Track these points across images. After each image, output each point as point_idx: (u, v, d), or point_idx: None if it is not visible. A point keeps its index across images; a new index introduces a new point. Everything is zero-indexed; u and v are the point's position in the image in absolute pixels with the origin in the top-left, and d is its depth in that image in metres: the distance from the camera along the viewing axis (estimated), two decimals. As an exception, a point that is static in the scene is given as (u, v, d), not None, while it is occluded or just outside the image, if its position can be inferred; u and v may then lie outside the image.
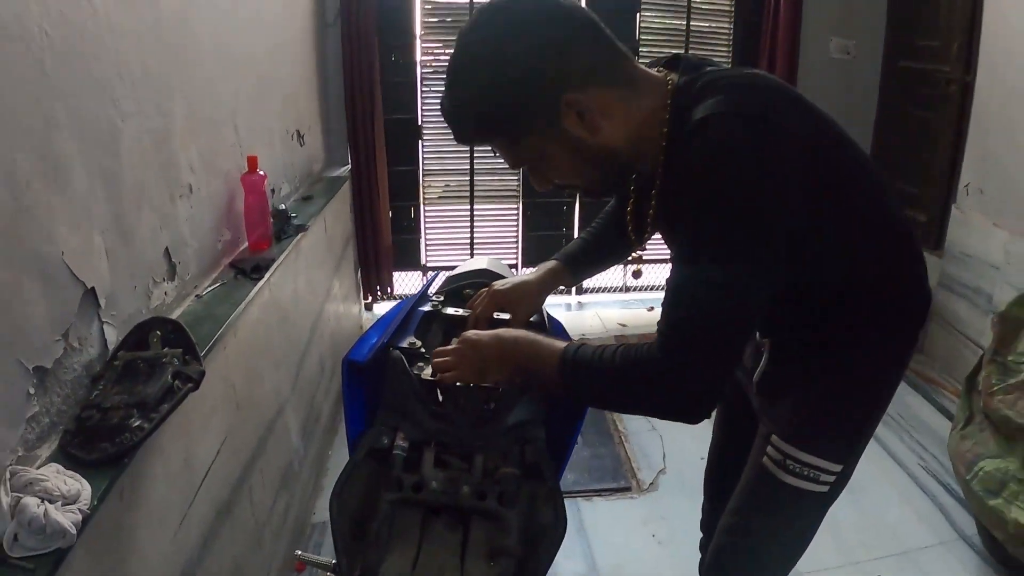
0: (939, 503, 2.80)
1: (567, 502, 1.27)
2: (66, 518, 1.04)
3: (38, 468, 1.12)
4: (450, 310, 1.64)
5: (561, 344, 1.21)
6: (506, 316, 1.56)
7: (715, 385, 1.11)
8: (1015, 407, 2.31)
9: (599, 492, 2.84)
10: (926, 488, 2.90)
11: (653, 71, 1.20)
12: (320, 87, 3.79)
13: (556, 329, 1.69)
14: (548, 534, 1.23)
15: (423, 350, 1.46)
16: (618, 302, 4.66)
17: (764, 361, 1.42)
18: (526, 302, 1.58)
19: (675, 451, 3.03)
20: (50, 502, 1.05)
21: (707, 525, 1.76)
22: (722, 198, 1.03)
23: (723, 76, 1.12)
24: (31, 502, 1.03)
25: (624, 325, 4.26)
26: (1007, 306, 2.61)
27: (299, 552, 1.55)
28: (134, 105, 1.57)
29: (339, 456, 2.90)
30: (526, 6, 1.12)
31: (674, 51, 1.48)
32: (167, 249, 1.73)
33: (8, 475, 1.07)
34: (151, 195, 1.65)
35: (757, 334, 1.42)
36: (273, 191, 2.64)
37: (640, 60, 1.22)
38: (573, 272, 1.63)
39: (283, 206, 2.57)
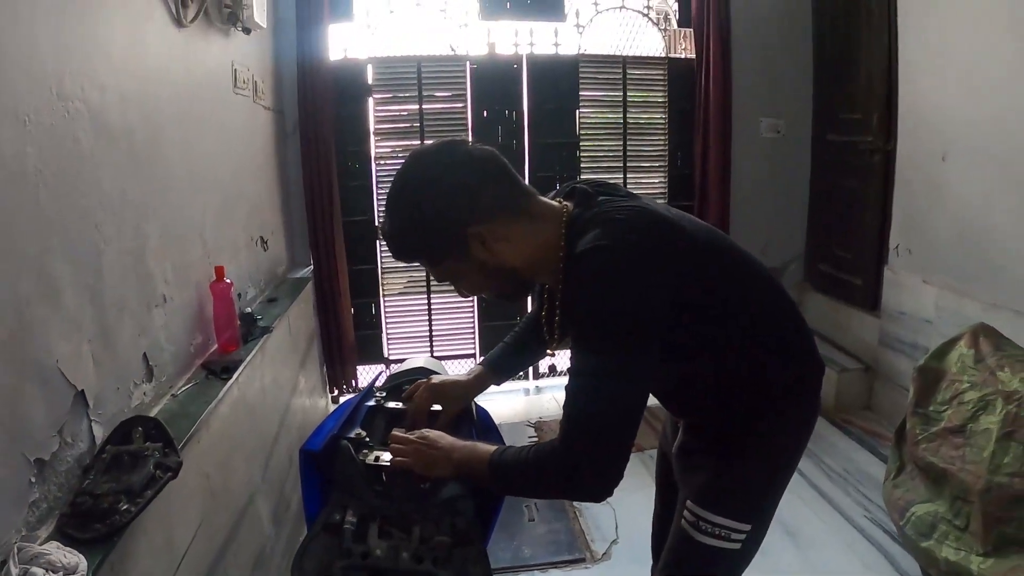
0: (884, 551, 2.91)
1: (524, 574, 1.44)
2: (67, 587, 1.22)
3: (40, 545, 1.30)
4: (391, 404, 1.85)
5: (490, 449, 1.44)
6: (439, 408, 1.77)
7: (611, 467, 1.27)
8: (938, 453, 2.46)
9: (555, 564, 2.94)
10: (872, 538, 3.01)
11: (554, 202, 1.45)
12: (282, 193, 4.01)
13: (482, 416, 1.90)
14: None
15: (368, 439, 1.66)
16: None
17: (680, 434, 1.64)
18: (457, 397, 1.78)
19: (627, 521, 3.14)
20: (53, 573, 1.23)
21: None
22: (594, 317, 1.27)
23: (605, 211, 1.35)
24: (38, 572, 1.20)
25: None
26: (924, 360, 2.77)
27: None
28: (114, 229, 1.80)
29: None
30: (443, 157, 1.38)
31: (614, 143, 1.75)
32: (145, 354, 1.93)
33: (16, 550, 1.24)
34: (131, 306, 1.86)
35: (672, 415, 1.66)
36: (240, 295, 2.84)
37: (549, 192, 1.51)
38: (497, 375, 1.85)
39: (249, 309, 2.78)
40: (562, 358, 4.49)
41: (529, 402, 4.63)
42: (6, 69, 1.37)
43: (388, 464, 1.54)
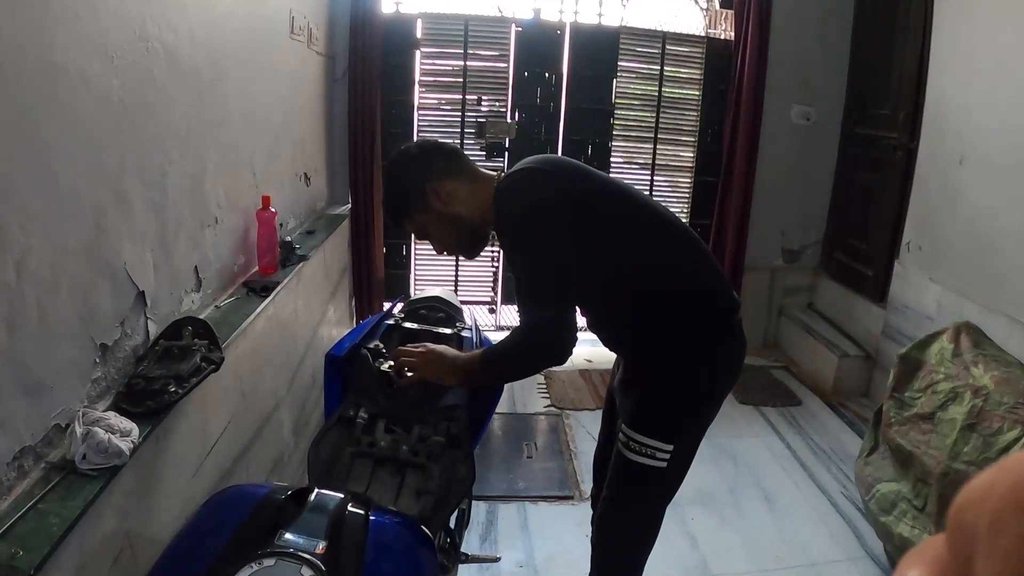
0: (853, 526, 3.06)
1: (516, 503, 1.72)
2: (123, 444, 1.50)
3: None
4: (407, 324, 2.13)
5: (478, 352, 1.79)
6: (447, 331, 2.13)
7: (561, 335, 1.62)
8: (907, 437, 2.63)
9: (545, 498, 3.20)
10: (844, 513, 3.16)
11: (492, 173, 1.86)
12: (327, 134, 4.25)
13: (485, 343, 2.18)
14: (461, 485, 1.69)
15: (384, 351, 1.94)
16: (585, 341, 4.99)
17: (620, 371, 1.95)
18: (444, 375, 1.90)
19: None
20: (111, 433, 1.50)
21: (594, 500, 2.22)
22: (516, 221, 1.69)
23: (522, 161, 1.79)
24: (99, 431, 1.48)
25: (590, 361, 4.65)
26: (907, 349, 2.92)
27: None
28: (178, 154, 2.06)
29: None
30: (418, 144, 1.91)
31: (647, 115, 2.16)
32: (196, 267, 2.21)
33: (82, 414, 1.52)
34: (187, 224, 2.13)
35: (612, 350, 1.98)
36: (281, 224, 3.10)
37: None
38: None
39: (289, 238, 3.05)
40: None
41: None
42: (98, 11, 1.61)
43: (393, 373, 1.81)
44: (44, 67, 1.42)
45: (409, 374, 1.78)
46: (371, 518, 1.27)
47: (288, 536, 1.15)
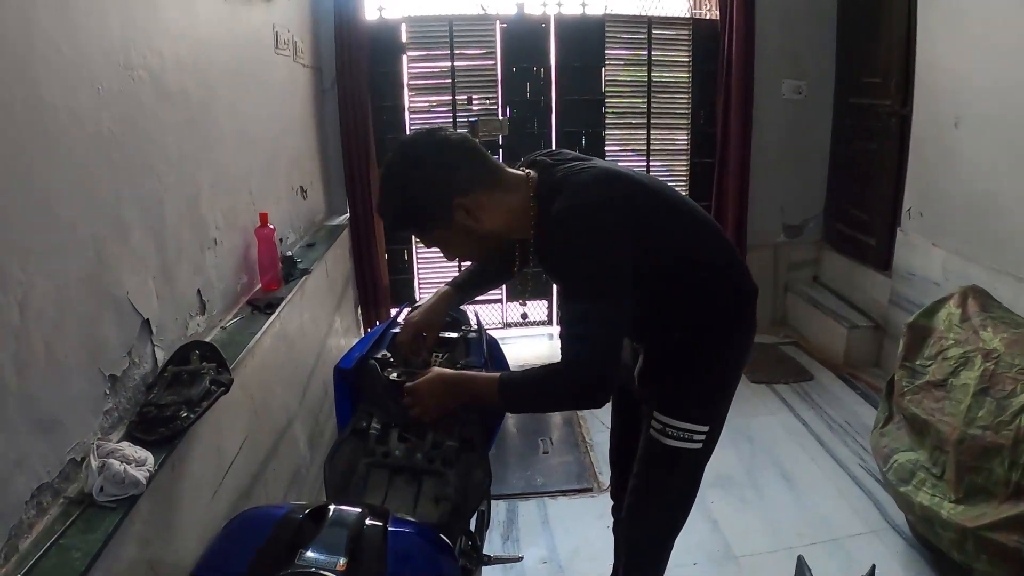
0: (874, 498, 3.06)
1: (535, 499, 1.72)
2: (139, 473, 1.50)
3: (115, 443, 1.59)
4: None
5: (493, 375, 1.68)
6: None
7: (604, 381, 1.54)
8: (921, 405, 2.61)
9: (564, 492, 3.22)
10: (863, 485, 3.17)
11: (519, 172, 1.69)
12: (320, 146, 4.26)
13: (492, 344, 2.19)
14: (477, 488, 1.70)
15: (392, 360, 1.94)
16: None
17: (641, 360, 1.90)
18: (432, 322, 2.05)
19: (634, 456, 3.40)
20: (126, 463, 1.50)
21: (615, 491, 2.23)
22: (579, 271, 1.54)
23: (570, 175, 1.61)
24: (114, 462, 1.48)
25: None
26: (915, 317, 2.91)
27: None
28: (174, 179, 2.06)
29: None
30: (424, 141, 1.62)
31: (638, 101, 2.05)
32: (199, 290, 2.21)
33: (96, 446, 1.52)
34: (187, 248, 2.14)
35: (633, 342, 1.92)
36: (281, 240, 3.11)
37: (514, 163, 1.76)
38: (460, 292, 2.11)
39: (289, 253, 3.05)
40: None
41: (552, 346, 4.84)
42: (83, 46, 1.61)
43: (404, 382, 1.80)
44: (32, 105, 1.42)
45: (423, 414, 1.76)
46: (390, 529, 1.28)
47: (309, 554, 1.16)
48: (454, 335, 2.16)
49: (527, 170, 1.70)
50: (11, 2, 1.37)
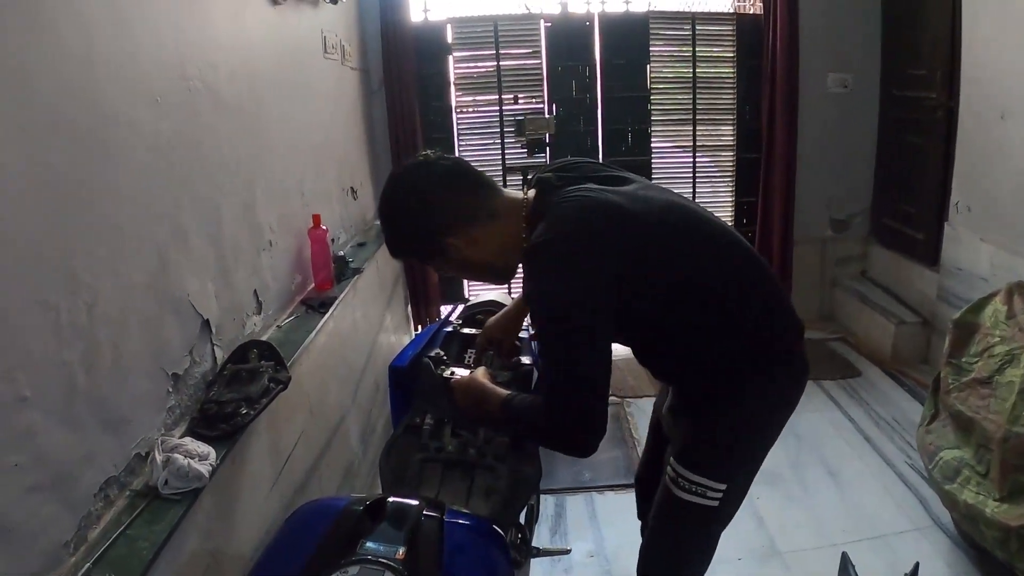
0: (919, 494, 3.02)
1: (583, 494, 1.77)
2: (202, 467, 1.57)
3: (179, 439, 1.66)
4: (466, 330, 2.19)
5: (502, 393, 1.59)
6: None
7: (589, 427, 1.40)
8: (966, 403, 2.56)
9: (611, 487, 3.24)
10: (908, 482, 3.14)
11: (517, 194, 1.63)
12: (369, 147, 4.34)
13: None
14: (527, 482, 1.75)
15: (445, 358, 1.99)
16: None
17: (671, 396, 1.78)
18: (509, 329, 2.05)
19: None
20: (189, 458, 1.58)
21: (640, 514, 2.14)
22: (548, 310, 1.41)
23: (555, 202, 1.48)
24: (179, 456, 1.55)
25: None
26: (960, 314, 2.85)
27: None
28: (230, 186, 2.14)
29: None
30: (411, 179, 1.60)
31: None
32: (255, 291, 2.30)
33: (160, 442, 1.60)
34: (244, 251, 2.22)
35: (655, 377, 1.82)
36: (333, 240, 3.18)
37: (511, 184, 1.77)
38: None
39: (341, 252, 3.13)
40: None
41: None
42: (141, 61, 1.69)
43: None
44: (95, 118, 1.49)
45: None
46: (446, 521, 1.33)
47: (369, 544, 1.21)
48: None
49: (529, 190, 1.63)
50: (72, 22, 1.44)
